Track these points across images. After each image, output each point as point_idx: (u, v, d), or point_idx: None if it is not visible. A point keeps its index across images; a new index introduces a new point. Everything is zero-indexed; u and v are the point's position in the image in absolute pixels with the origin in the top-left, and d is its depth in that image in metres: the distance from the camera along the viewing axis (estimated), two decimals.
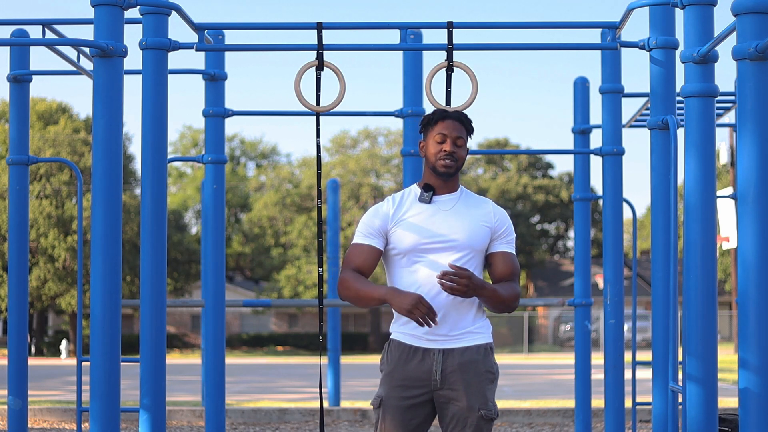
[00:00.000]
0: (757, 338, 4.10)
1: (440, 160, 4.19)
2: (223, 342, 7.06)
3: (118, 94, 4.80)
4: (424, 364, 4.15)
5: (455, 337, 4.17)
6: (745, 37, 4.11)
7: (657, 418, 4.84)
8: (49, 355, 42.26)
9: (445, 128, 4.21)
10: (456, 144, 4.21)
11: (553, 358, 38.15)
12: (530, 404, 13.41)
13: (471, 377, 4.14)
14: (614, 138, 7.27)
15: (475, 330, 4.21)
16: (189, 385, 19.25)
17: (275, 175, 54.06)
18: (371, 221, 4.24)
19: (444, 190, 4.25)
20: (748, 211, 4.13)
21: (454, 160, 4.20)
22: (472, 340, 4.20)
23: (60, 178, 39.93)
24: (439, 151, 4.20)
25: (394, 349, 4.21)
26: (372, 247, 4.21)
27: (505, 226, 4.27)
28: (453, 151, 4.19)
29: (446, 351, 4.15)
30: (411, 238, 4.17)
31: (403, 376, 4.16)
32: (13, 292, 6.89)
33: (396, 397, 4.17)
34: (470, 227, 4.19)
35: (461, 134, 4.22)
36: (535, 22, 5.11)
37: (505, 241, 4.27)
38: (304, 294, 45.70)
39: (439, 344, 4.15)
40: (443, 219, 4.19)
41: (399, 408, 4.16)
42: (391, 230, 4.21)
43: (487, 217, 4.25)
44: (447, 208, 4.22)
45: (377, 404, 4.21)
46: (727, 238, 24.13)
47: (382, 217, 4.24)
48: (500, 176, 54.24)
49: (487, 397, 4.16)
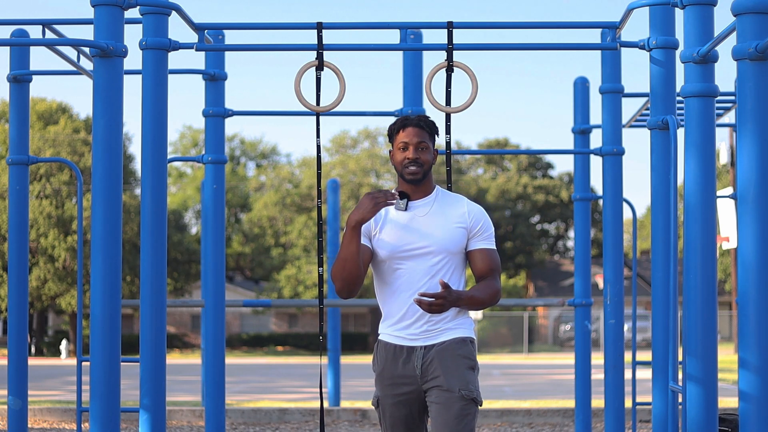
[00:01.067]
0: (757, 338, 4.10)
1: (405, 167, 4.33)
2: (223, 342, 7.07)
3: (118, 94, 4.80)
4: (409, 362, 4.31)
5: (435, 334, 4.32)
6: (745, 37, 4.11)
7: (657, 418, 4.84)
8: (49, 355, 42.27)
9: (406, 136, 4.34)
10: (419, 149, 4.33)
11: (553, 358, 38.16)
12: (530, 404, 13.41)
13: (448, 362, 4.28)
14: (614, 138, 7.27)
15: (455, 326, 4.34)
16: (189, 385, 19.25)
17: (275, 175, 54.07)
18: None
19: (419, 194, 4.37)
20: (748, 211, 4.13)
21: (419, 166, 4.32)
22: (451, 334, 4.33)
23: (60, 178, 39.93)
24: (403, 159, 4.34)
25: (382, 350, 4.38)
26: (361, 243, 4.33)
27: (480, 223, 4.37)
28: (416, 157, 4.33)
29: (427, 347, 4.31)
30: (389, 246, 4.33)
31: (392, 374, 4.33)
32: (13, 292, 6.89)
33: (389, 395, 4.34)
34: (445, 232, 4.32)
35: (423, 139, 4.34)
36: (535, 22, 5.12)
37: (482, 237, 4.37)
38: (304, 294, 45.71)
39: (421, 341, 4.32)
40: (418, 226, 4.33)
41: (393, 405, 4.35)
42: (374, 235, 4.36)
43: (462, 218, 4.36)
44: (422, 214, 4.35)
45: (376, 404, 4.41)
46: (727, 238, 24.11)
47: (369, 223, 4.36)
48: (500, 176, 54.26)
49: (467, 379, 4.28)
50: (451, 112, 4.91)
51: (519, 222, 53.00)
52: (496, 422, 12.01)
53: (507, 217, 52.76)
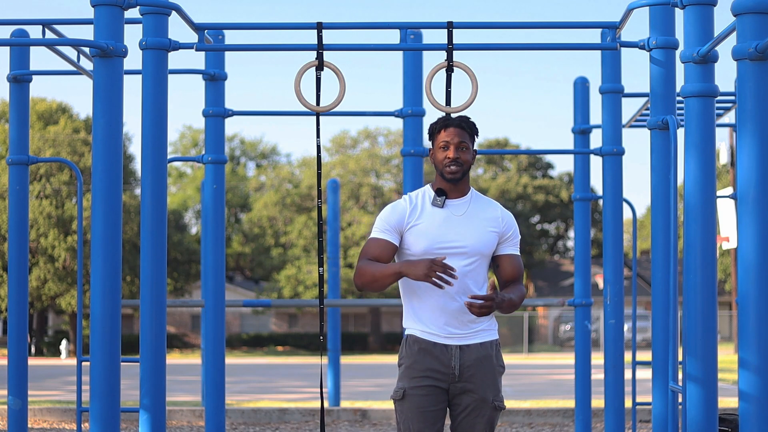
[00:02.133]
0: (757, 338, 4.10)
1: (446, 167, 4.43)
2: (223, 342, 7.07)
3: (118, 94, 4.80)
4: (443, 358, 4.38)
5: (470, 335, 4.41)
6: (745, 37, 4.11)
7: (657, 418, 4.84)
8: (49, 355, 42.25)
9: (447, 136, 4.43)
10: (460, 149, 4.42)
11: (553, 358, 38.15)
12: (530, 404, 13.41)
13: (486, 371, 4.41)
14: (614, 138, 7.27)
15: (487, 328, 4.45)
16: (189, 385, 19.25)
17: (275, 175, 54.04)
18: (388, 218, 4.45)
19: (455, 194, 4.47)
20: (748, 211, 4.13)
21: (459, 165, 4.42)
22: (485, 337, 4.44)
23: (60, 178, 39.92)
24: (444, 158, 4.44)
25: (413, 343, 4.43)
26: (388, 241, 4.43)
27: (512, 230, 4.51)
28: (457, 156, 4.42)
29: (462, 347, 4.40)
30: (424, 242, 4.39)
31: (424, 367, 4.38)
32: (13, 292, 6.89)
33: (418, 386, 4.39)
34: (479, 234, 4.43)
35: (464, 139, 4.43)
36: (535, 22, 5.12)
37: (512, 243, 4.52)
38: (304, 294, 45.69)
39: (456, 341, 4.39)
40: (455, 225, 4.42)
41: (422, 397, 4.40)
42: (406, 230, 4.43)
43: (495, 222, 4.48)
44: (459, 213, 4.44)
45: (401, 396, 4.41)
46: (727, 238, 24.13)
47: (399, 215, 4.45)
48: (500, 176, 54.25)
49: (499, 388, 4.46)
50: (451, 112, 4.91)
51: (519, 222, 52.61)
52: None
53: None
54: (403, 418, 4.41)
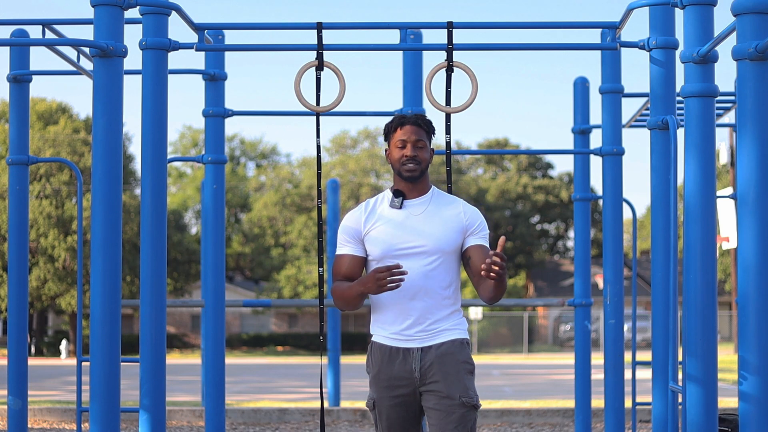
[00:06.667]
0: (757, 338, 4.10)
1: (404, 165, 4.33)
2: (223, 342, 7.07)
3: (118, 94, 4.80)
4: (406, 364, 4.29)
5: (431, 335, 4.30)
6: (745, 37, 4.11)
7: (657, 418, 4.84)
8: (49, 355, 42.26)
9: (404, 134, 4.35)
10: (417, 147, 4.34)
11: (553, 358, 38.16)
12: (530, 404, 13.41)
13: (448, 368, 4.27)
14: (614, 138, 7.27)
15: (451, 327, 4.33)
16: (189, 385, 19.25)
17: (275, 175, 54.07)
18: (346, 229, 4.38)
19: (414, 194, 4.37)
20: (748, 211, 4.13)
21: (417, 163, 4.33)
22: (448, 336, 4.32)
23: (60, 178, 39.93)
24: (401, 156, 4.34)
25: (377, 352, 4.35)
26: (352, 255, 4.36)
27: (477, 222, 4.37)
28: (414, 154, 4.33)
29: (424, 349, 4.29)
30: (380, 247, 4.31)
31: (389, 376, 4.31)
32: (13, 292, 6.89)
33: (386, 396, 4.32)
34: (440, 232, 4.31)
35: (421, 137, 4.35)
36: (535, 22, 5.12)
37: (480, 236, 4.36)
38: (304, 294, 45.70)
39: (417, 343, 4.30)
40: (413, 225, 4.32)
41: (390, 407, 4.32)
42: (364, 236, 4.35)
43: (456, 218, 4.35)
44: (418, 213, 4.34)
45: (371, 406, 4.38)
46: (727, 238, 24.12)
47: (355, 224, 4.37)
48: (500, 176, 54.26)
49: (467, 386, 4.29)
50: (451, 112, 4.91)
51: (519, 222, 53.00)
52: (495, 422, 12.01)
53: (507, 217, 52.78)
54: (378, 427, 4.37)
